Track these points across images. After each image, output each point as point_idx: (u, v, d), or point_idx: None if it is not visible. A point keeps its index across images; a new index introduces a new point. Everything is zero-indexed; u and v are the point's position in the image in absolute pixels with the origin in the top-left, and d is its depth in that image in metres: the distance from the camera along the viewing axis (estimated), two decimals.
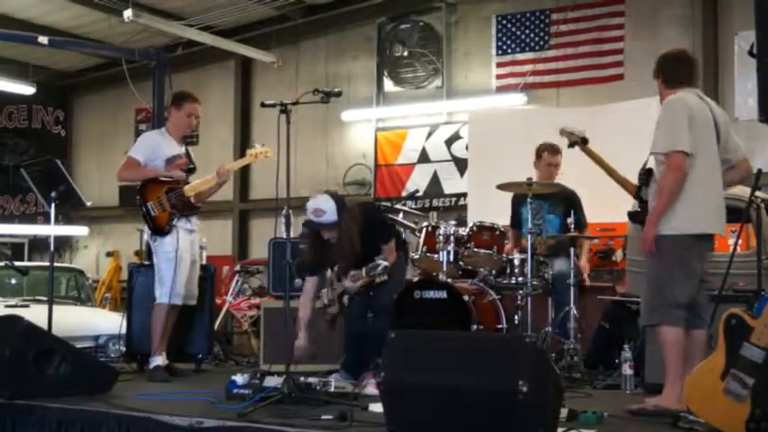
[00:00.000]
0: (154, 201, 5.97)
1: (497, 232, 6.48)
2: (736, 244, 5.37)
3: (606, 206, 7.24)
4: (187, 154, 6.25)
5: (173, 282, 5.86)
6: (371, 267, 5.14)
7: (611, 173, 5.02)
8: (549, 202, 6.67)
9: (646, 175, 4.66)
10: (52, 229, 6.18)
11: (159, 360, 5.90)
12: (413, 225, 7.03)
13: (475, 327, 5.88)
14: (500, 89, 11.08)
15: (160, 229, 5.95)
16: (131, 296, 6.70)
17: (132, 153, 6.09)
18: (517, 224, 6.75)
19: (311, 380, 4.82)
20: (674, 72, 4.65)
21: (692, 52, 4.99)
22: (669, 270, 4.38)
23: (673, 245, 4.38)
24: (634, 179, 4.85)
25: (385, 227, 5.65)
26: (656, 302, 4.42)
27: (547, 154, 6.72)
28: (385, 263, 5.15)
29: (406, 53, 11.69)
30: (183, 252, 5.94)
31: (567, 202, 6.61)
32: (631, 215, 4.87)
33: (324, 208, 5.13)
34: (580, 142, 5.30)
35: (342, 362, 5.56)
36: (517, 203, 6.74)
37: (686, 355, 4.34)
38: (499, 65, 11.13)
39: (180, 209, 5.99)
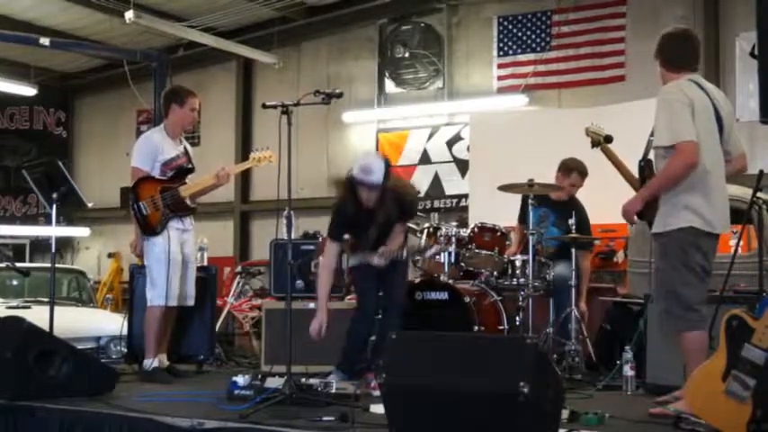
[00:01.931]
0: (147, 200, 5.86)
1: (499, 233, 6.46)
2: (737, 245, 5.37)
3: (607, 207, 7.24)
4: (186, 152, 6.12)
5: (167, 283, 5.77)
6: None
7: (625, 175, 4.83)
8: (556, 214, 6.61)
9: (646, 165, 4.54)
10: (53, 231, 6.17)
11: (156, 362, 5.84)
12: (414, 226, 7.02)
13: (476, 328, 5.88)
14: (501, 90, 11.09)
15: (151, 230, 5.85)
16: (133, 297, 6.69)
17: (135, 164, 5.95)
18: (525, 220, 6.69)
19: (312, 381, 4.83)
20: (675, 52, 4.46)
21: (694, 32, 4.68)
22: (677, 271, 4.28)
23: (675, 243, 4.27)
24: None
25: (411, 213, 5.49)
26: (671, 307, 4.32)
27: (576, 175, 6.62)
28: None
29: (407, 54, 11.69)
30: (174, 253, 5.81)
31: (575, 218, 6.35)
32: (637, 213, 4.80)
33: (373, 168, 5.02)
34: (603, 141, 5.13)
35: (338, 363, 5.42)
36: (526, 204, 6.67)
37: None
38: (500, 66, 11.13)
39: (173, 209, 5.90)
